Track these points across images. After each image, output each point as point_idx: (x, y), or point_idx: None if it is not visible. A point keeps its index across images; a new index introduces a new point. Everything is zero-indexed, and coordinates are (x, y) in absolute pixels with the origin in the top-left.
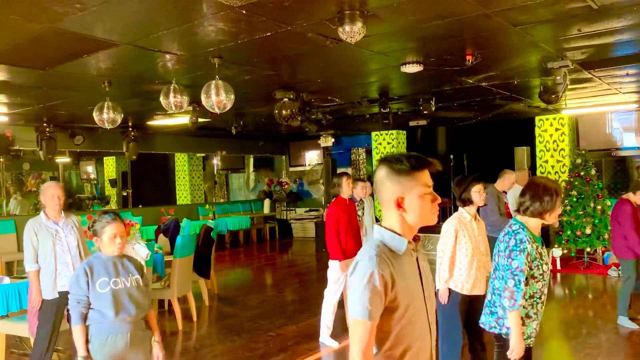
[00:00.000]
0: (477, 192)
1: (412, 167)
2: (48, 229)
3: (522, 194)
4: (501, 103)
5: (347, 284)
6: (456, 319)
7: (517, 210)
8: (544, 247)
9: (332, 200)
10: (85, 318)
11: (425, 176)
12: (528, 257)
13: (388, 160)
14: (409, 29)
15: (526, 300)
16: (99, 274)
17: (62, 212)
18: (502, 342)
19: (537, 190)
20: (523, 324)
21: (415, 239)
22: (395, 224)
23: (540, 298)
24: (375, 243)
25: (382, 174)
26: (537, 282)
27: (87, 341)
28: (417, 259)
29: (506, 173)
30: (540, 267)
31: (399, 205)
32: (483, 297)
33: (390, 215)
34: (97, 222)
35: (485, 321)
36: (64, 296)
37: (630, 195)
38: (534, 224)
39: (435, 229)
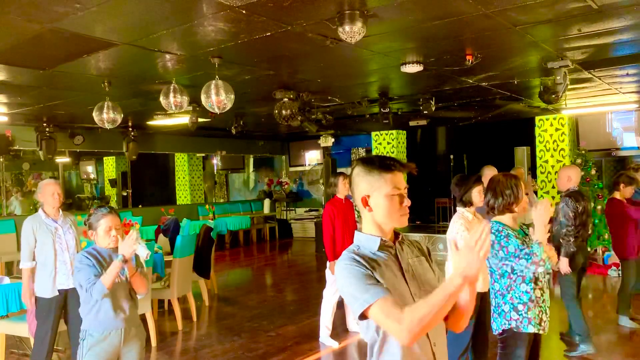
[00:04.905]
0: (478, 194)
1: (381, 167)
2: (47, 227)
3: (485, 195)
4: (501, 103)
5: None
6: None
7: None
8: (528, 237)
9: (328, 200)
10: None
11: (396, 178)
12: (517, 238)
13: (362, 160)
14: (409, 29)
15: (527, 284)
16: (95, 269)
17: (60, 210)
18: (505, 342)
19: (496, 188)
20: (529, 309)
21: (397, 236)
22: (370, 226)
23: (536, 283)
24: (350, 249)
25: (355, 172)
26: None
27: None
28: (397, 257)
29: (485, 169)
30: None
31: (366, 203)
32: (486, 293)
33: (365, 218)
34: (92, 215)
35: (496, 326)
36: (62, 294)
37: (616, 194)
38: (508, 219)
39: (434, 228)
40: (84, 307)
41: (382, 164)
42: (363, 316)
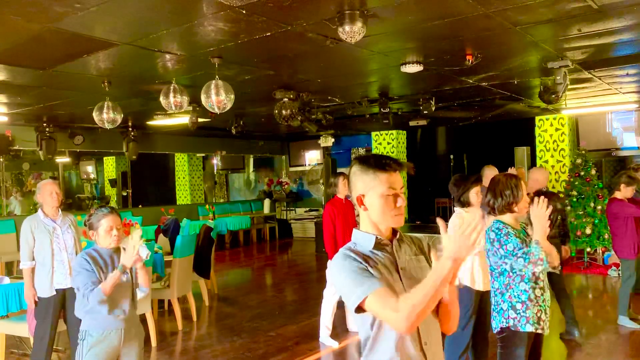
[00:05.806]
0: (476, 194)
1: (377, 167)
2: (45, 227)
3: (486, 194)
4: (501, 103)
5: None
6: (467, 317)
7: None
8: (529, 237)
9: (328, 200)
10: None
11: (392, 178)
12: (517, 237)
13: (358, 159)
14: (409, 29)
15: (526, 283)
16: (94, 274)
17: (60, 210)
18: (505, 342)
19: (495, 188)
20: (527, 308)
21: (394, 233)
22: (367, 225)
23: (536, 283)
24: (346, 246)
25: (351, 171)
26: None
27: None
28: (393, 255)
29: (485, 169)
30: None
31: (361, 202)
32: (485, 293)
33: (362, 217)
34: (93, 215)
35: (495, 324)
36: (60, 294)
37: (617, 194)
38: (509, 219)
39: (434, 228)
40: (83, 308)
41: (377, 164)
42: (360, 309)
